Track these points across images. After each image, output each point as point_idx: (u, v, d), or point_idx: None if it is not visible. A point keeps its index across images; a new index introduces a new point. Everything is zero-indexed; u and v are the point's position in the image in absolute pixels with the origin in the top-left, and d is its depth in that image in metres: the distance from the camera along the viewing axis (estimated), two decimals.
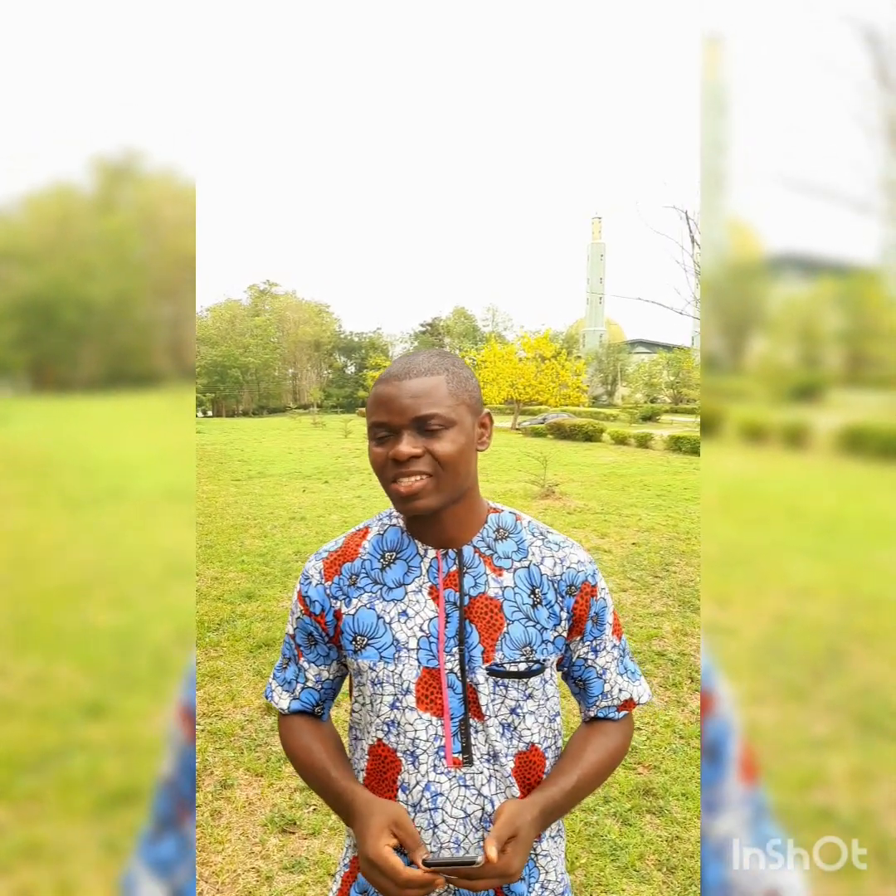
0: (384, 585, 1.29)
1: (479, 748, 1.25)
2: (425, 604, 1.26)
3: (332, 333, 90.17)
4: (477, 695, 1.24)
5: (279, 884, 2.89)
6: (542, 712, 1.30)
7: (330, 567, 1.34)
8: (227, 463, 19.36)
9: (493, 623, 1.25)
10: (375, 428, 1.19)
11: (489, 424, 1.29)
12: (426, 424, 1.16)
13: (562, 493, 12.88)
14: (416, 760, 1.24)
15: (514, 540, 1.32)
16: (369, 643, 1.27)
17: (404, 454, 1.14)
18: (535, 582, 1.28)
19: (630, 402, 59.08)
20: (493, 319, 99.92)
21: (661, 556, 8.28)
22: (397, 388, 1.17)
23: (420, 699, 1.24)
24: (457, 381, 1.22)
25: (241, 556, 8.29)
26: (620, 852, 3.07)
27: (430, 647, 1.25)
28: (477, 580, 1.27)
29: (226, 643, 5.49)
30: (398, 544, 1.32)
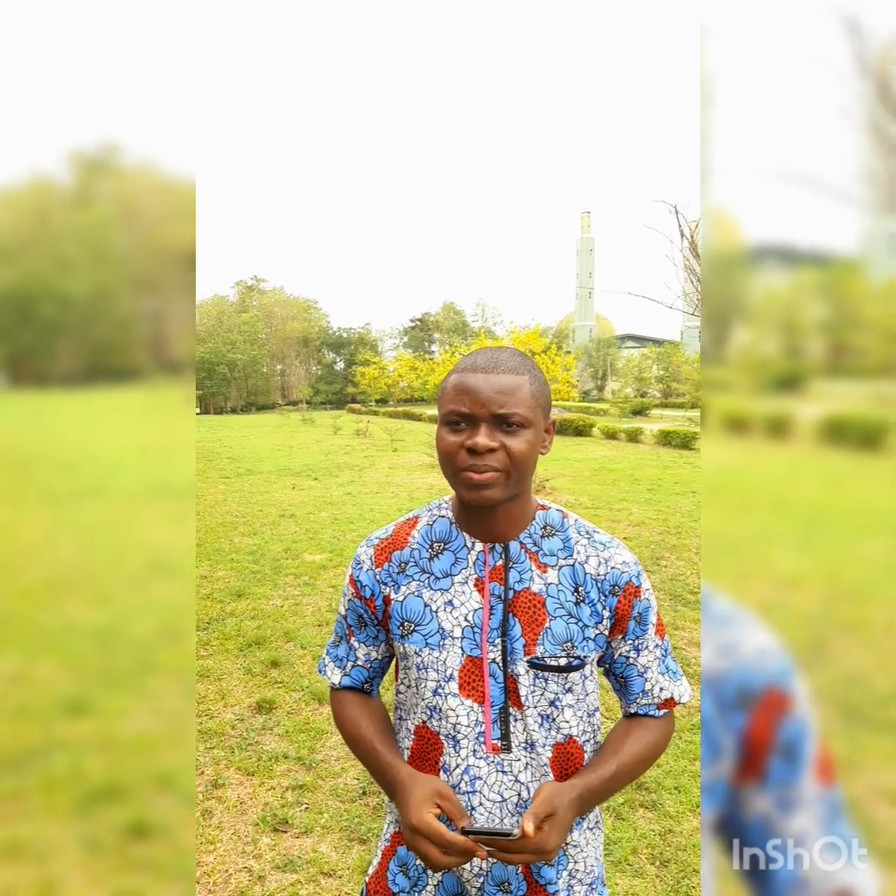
0: (432, 575, 1.34)
1: (518, 736, 1.28)
2: (471, 595, 1.30)
3: (321, 329, 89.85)
4: (517, 685, 1.28)
5: (271, 883, 2.88)
6: (581, 706, 1.33)
7: (380, 554, 1.39)
8: (216, 460, 19.31)
9: (535, 618, 1.28)
10: (453, 416, 1.22)
11: (552, 431, 1.33)
12: (506, 421, 1.19)
13: (552, 488, 12.90)
14: (458, 745, 1.29)
15: (561, 538, 1.34)
16: (416, 629, 1.32)
17: (483, 446, 1.17)
18: (579, 580, 1.31)
19: (620, 396, 59.18)
20: (482, 315, 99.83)
21: (651, 550, 8.31)
22: (484, 379, 1.20)
23: (462, 686, 1.29)
24: (538, 384, 1.25)
25: (231, 553, 8.27)
26: (614, 846, 3.08)
27: (474, 637, 1.29)
28: (522, 575, 1.30)
29: (215, 642, 5.47)
30: (447, 535, 1.36)
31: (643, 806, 3.38)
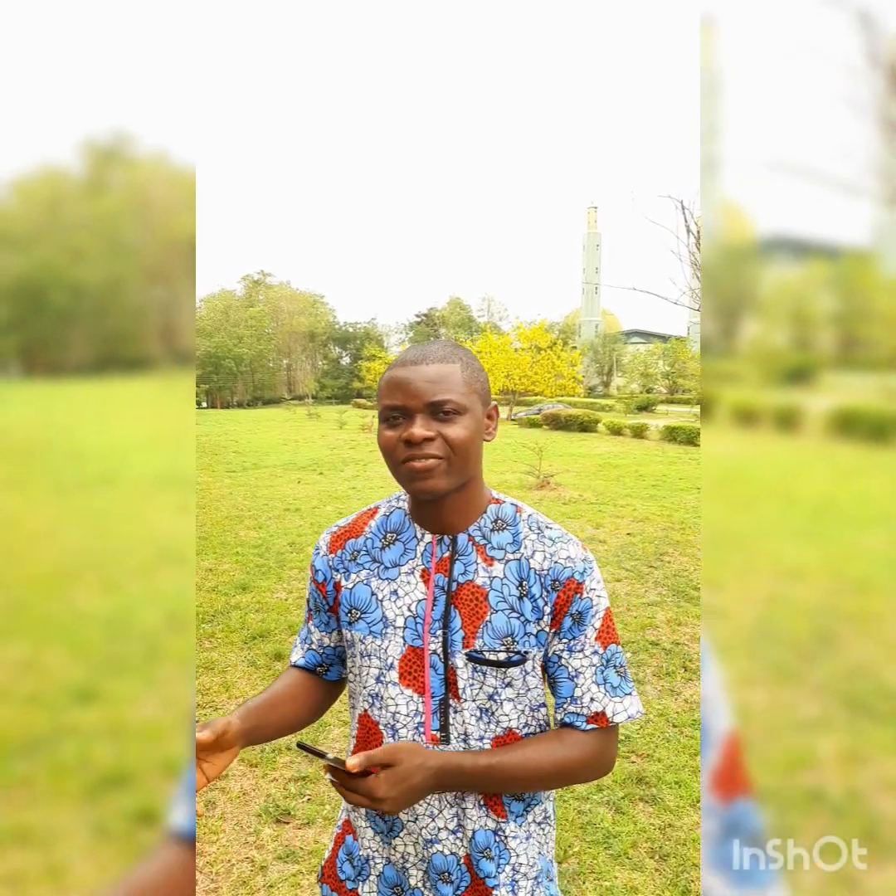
0: (381, 564, 1.35)
1: (457, 728, 1.28)
2: (416, 585, 1.31)
3: (327, 324, 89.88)
4: (456, 677, 1.27)
5: (273, 873, 2.90)
6: (523, 700, 1.31)
7: (336, 541, 1.42)
8: (222, 454, 19.34)
9: (476, 611, 1.27)
10: (389, 411, 1.22)
11: (496, 416, 1.32)
12: (440, 409, 1.19)
13: (557, 484, 12.89)
14: (396, 734, 1.29)
15: (511, 532, 1.33)
16: (361, 617, 1.33)
17: (418, 436, 1.17)
18: (524, 575, 1.29)
19: (625, 392, 59.11)
20: (488, 310, 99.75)
21: (655, 546, 8.31)
22: (414, 371, 1.21)
23: (403, 675, 1.29)
24: (470, 370, 1.25)
25: (236, 547, 8.29)
26: (613, 840, 3.09)
27: (416, 628, 1.29)
28: (467, 567, 1.30)
29: (220, 634, 5.50)
30: (400, 526, 1.37)
31: (643, 800, 3.39)
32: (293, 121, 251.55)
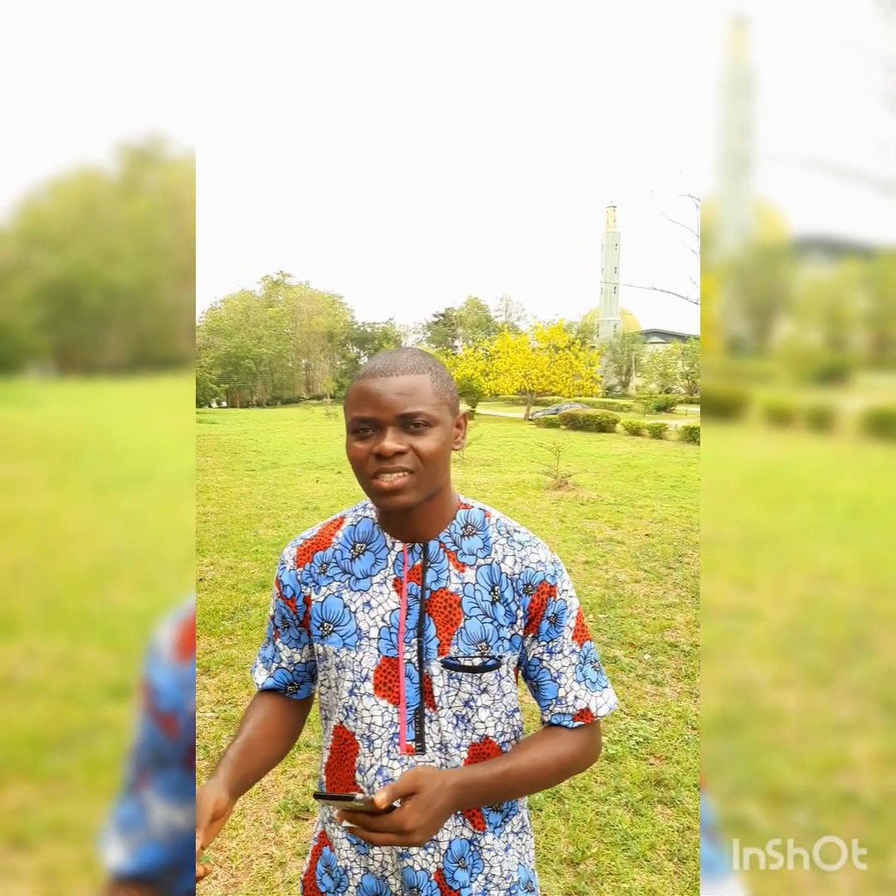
0: (352, 575, 1.33)
1: (433, 737, 1.27)
2: (389, 595, 1.29)
3: (345, 324, 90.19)
4: (432, 686, 1.26)
5: (292, 869, 2.92)
6: (499, 707, 1.31)
7: (303, 554, 1.38)
8: (242, 453, 19.46)
9: (450, 617, 1.27)
10: (358, 423, 1.20)
11: (464, 425, 1.31)
12: (412, 421, 1.17)
13: (575, 484, 12.86)
14: (372, 745, 1.28)
15: (481, 537, 1.33)
16: (334, 630, 1.31)
17: (390, 450, 1.15)
18: (496, 580, 1.29)
19: (644, 392, 58.84)
20: (506, 309, 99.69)
21: (674, 547, 8.27)
22: (383, 383, 1.18)
23: (378, 686, 1.27)
24: (440, 380, 1.24)
25: (255, 545, 8.35)
26: (632, 842, 3.08)
27: (391, 637, 1.28)
28: (439, 575, 1.29)
29: (240, 632, 5.53)
30: (369, 536, 1.36)
31: (662, 802, 3.38)
32: (316, 124, 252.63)
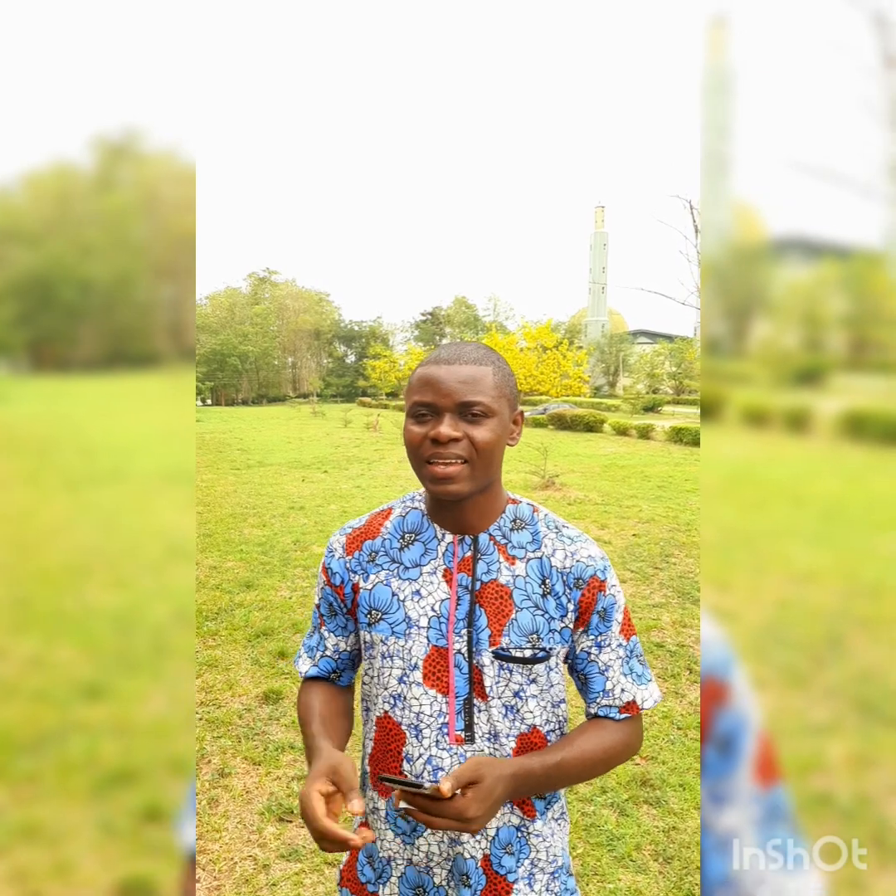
0: (401, 564, 1.36)
1: (482, 727, 1.29)
2: (438, 585, 1.32)
3: (332, 322, 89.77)
4: (482, 676, 1.28)
5: (276, 872, 2.90)
6: (546, 697, 1.33)
7: (352, 542, 1.41)
8: (226, 452, 19.36)
9: (501, 609, 1.29)
10: (417, 407, 1.23)
11: (521, 422, 1.34)
12: (470, 410, 1.21)
13: (562, 484, 12.87)
14: (420, 734, 1.29)
15: (530, 531, 1.36)
16: (383, 618, 1.34)
17: (446, 436, 1.18)
18: (546, 573, 1.32)
19: (632, 392, 58.88)
20: (494, 309, 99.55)
21: (661, 547, 8.29)
22: (447, 371, 1.22)
23: (427, 675, 1.29)
24: (501, 374, 1.27)
25: (240, 545, 8.30)
26: (617, 842, 3.08)
27: (440, 627, 1.30)
28: (490, 567, 1.32)
29: (224, 632, 5.50)
30: (418, 527, 1.38)
31: (647, 802, 3.38)
32: (300, 119, 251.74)
